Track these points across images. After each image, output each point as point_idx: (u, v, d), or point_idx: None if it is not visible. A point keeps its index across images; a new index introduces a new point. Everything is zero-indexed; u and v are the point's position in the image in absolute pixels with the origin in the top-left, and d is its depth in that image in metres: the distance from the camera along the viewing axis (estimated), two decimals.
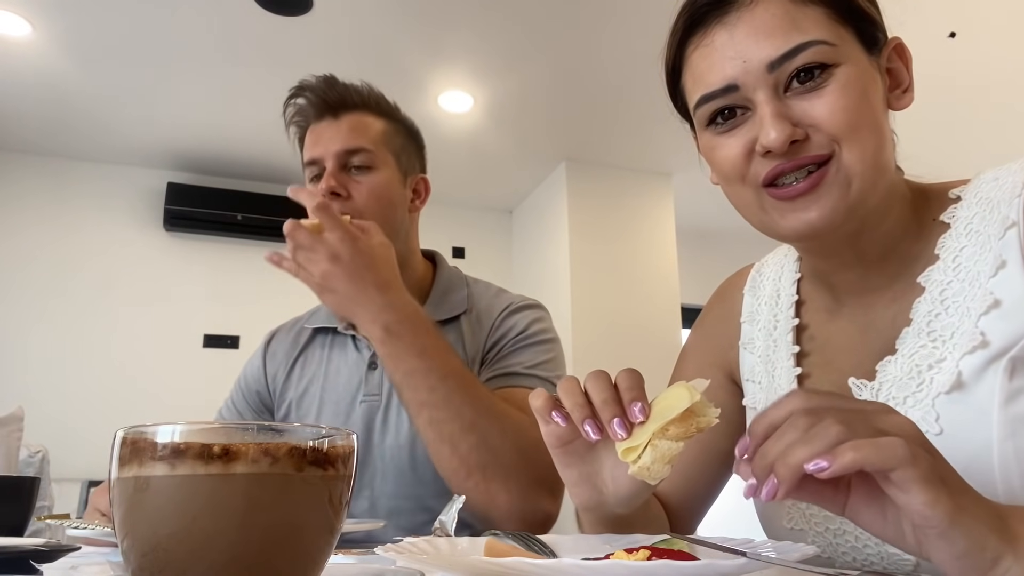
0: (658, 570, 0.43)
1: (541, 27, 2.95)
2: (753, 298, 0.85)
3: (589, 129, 3.79)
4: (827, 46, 0.63)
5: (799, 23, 0.63)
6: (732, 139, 0.66)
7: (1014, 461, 0.57)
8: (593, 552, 0.59)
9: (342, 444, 0.43)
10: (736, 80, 0.64)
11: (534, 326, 1.16)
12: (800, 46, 0.62)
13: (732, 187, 0.69)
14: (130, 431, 0.40)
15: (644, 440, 0.54)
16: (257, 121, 3.61)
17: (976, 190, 0.67)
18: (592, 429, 0.57)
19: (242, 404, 1.28)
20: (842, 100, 0.62)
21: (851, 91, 0.62)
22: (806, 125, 0.62)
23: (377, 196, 1.15)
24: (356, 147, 1.15)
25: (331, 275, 0.94)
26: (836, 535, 0.68)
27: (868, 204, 0.64)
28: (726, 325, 0.87)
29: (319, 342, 1.26)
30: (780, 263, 0.85)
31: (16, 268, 3.79)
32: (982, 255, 0.63)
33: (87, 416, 3.60)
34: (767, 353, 0.80)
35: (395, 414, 1.13)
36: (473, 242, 4.40)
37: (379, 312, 0.95)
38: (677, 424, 0.53)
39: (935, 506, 0.43)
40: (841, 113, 0.62)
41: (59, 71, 3.15)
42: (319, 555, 0.42)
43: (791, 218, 0.65)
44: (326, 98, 1.18)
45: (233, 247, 4.17)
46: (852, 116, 0.62)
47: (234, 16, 2.81)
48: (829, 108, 0.62)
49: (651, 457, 0.53)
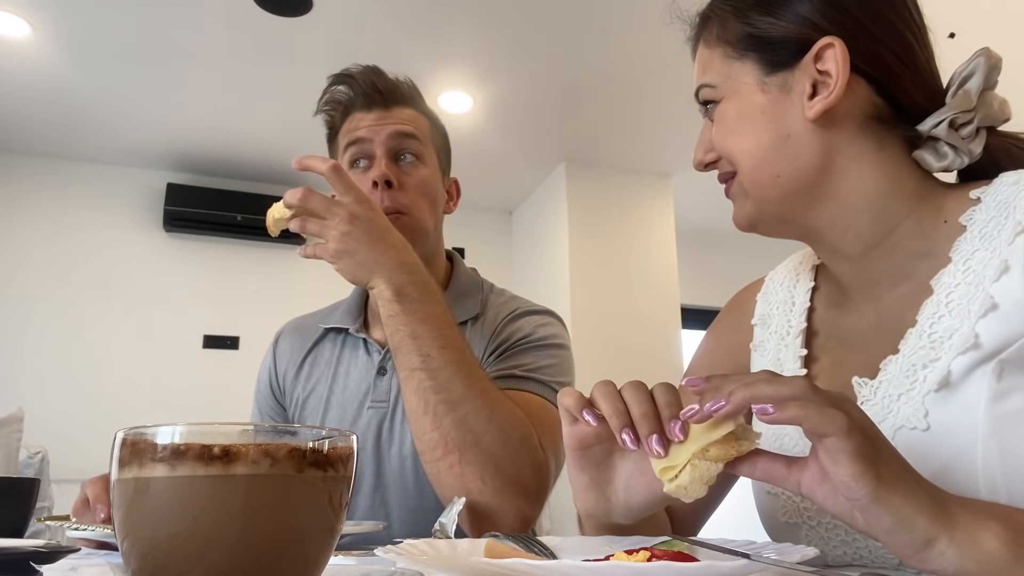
0: (658, 572, 0.43)
1: (541, 28, 2.95)
2: (765, 303, 0.87)
3: (589, 129, 3.79)
4: (708, 88, 0.75)
5: (706, 67, 0.76)
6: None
7: (997, 459, 0.58)
8: (593, 553, 0.59)
9: (342, 445, 0.42)
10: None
11: (540, 330, 1.13)
12: (697, 88, 0.77)
13: None
14: (130, 432, 0.40)
15: (684, 460, 0.53)
16: (257, 121, 3.61)
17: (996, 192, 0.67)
18: (630, 438, 0.56)
19: (265, 406, 1.27)
20: (720, 131, 0.74)
21: (730, 120, 0.73)
22: (716, 150, 0.76)
23: (425, 191, 1.13)
24: (409, 132, 1.13)
25: (350, 236, 0.91)
26: (828, 528, 0.69)
27: (768, 208, 0.74)
28: (738, 330, 0.88)
29: (330, 342, 1.24)
30: (795, 271, 0.87)
31: (16, 268, 3.79)
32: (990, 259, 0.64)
33: (87, 417, 3.60)
34: (777, 356, 0.81)
35: (400, 423, 1.11)
36: (473, 242, 4.40)
37: (394, 272, 0.92)
38: (718, 446, 0.52)
39: (859, 479, 0.47)
40: (720, 142, 0.74)
41: (59, 71, 3.15)
42: (319, 556, 0.42)
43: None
44: (379, 86, 1.15)
45: (233, 248, 4.17)
46: (732, 141, 0.73)
47: (234, 16, 2.81)
48: (718, 136, 0.74)
49: (689, 477, 0.53)
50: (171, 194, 4.02)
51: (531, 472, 0.93)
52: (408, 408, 0.92)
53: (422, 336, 0.91)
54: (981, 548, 0.47)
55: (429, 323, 0.91)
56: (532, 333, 1.12)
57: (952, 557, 0.47)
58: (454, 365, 0.90)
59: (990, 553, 0.47)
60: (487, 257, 4.47)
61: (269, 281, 4.17)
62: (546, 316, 1.17)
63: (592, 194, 4.13)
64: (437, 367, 0.90)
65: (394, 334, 0.92)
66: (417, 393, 0.90)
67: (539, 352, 1.10)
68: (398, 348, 0.92)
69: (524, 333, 1.12)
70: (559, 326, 1.18)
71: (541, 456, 0.93)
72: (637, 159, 4.09)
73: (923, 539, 0.48)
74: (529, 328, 1.13)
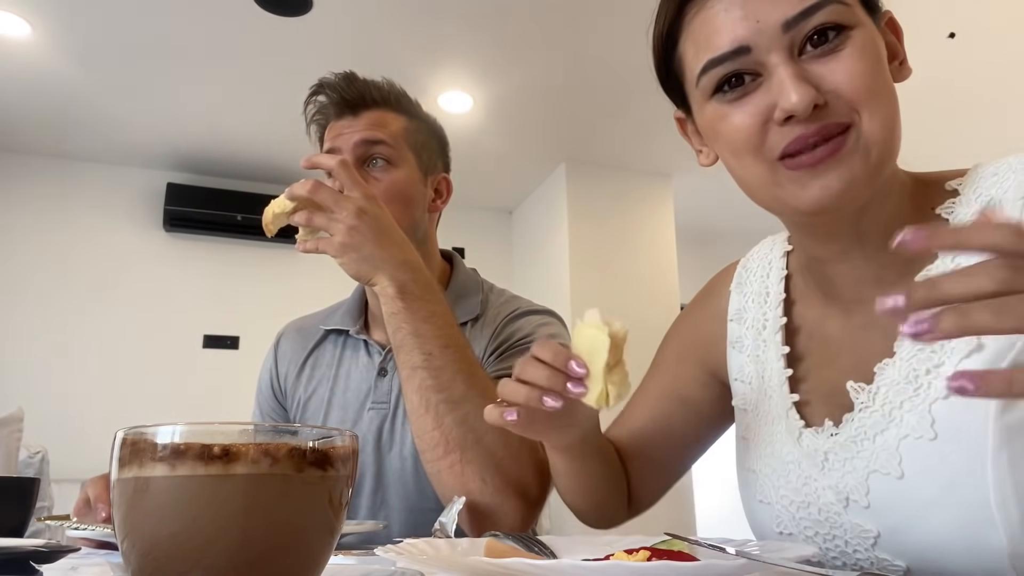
0: (658, 571, 0.43)
1: (541, 27, 2.95)
2: (740, 296, 0.83)
3: (589, 129, 3.79)
4: (842, 5, 0.59)
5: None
6: (744, 107, 0.62)
7: (1008, 469, 0.56)
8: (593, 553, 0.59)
9: (342, 445, 0.42)
10: (748, 41, 0.60)
11: (541, 330, 1.13)
12: (817, 3, 0.59)
13: (742, 161, 0.64)
14: (130, 432, 0.40)
15: (602, 384, 0.62)
16: (257, 121, 3.61)
17: (975, 185, 0.65)
18: (552, 398, 0.64)
19: (266, 407, 1.27)
20: (861, 64, 0.59)
21: (868, 55, 0.60)
22: (825, 91, 0.59)
23: (394, 193, 1.12)
24: (374, 138, 1.13)
25: (357, 231, 0.90)
26: (826, 540, 0.67)
27: (884, 174, 0.62)
28: (711, 322, 0.86)
29: (331, 343, 1.24)
30: (767, 259, 0.82)
31: (16, 269, 3.79)
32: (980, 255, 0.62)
33: (87, 417, 3.60)
34: (756, 353, 0.78)
35: (401, 424, 1.11)
36: (473, 242, 4.39)
37: (398, 269, 0.92)
38: (612, 352, 0.62)
39: None
40: (860, 78, 0.59)
41: (59, 71, 3.15)
42: (319, 556, 0.42)
43: (812, 186, 0.60)
44: (345, 95, 1.15)
45: (233, 248, 4.17)
46: (871, 81, 0.59)
47: (234, 16, 2.81)
48: (848, 73, 0.59)
49: (615, 391, 0.62)
50: (171, 194, 4.02)
51: (532, 472, 0.93)
52: (409, 407, 0.92)
53: (424, 334, 0.90)
54: None
55: (431, 322, 0.91)
56: (533, 333, 1.12)
57: None
58: (456, 364, 0.90)
59: None
60: (487, 257, 4.46)
61: (269, 281, 4.17)
62: (546, 316, 1.18)
63: (592, 194, 4.13)
64: (439, 366, 0.89)
65: (396, 332, 0.92)
66: (419, 392, 0.90)
67: None
68: (400, 346, 0.92)
69: (525, 333, 1.12)
70: (559, 326, 1.18)
71: (542, 456, 0.93)
72: (637, 159, 4.09)
73: None
74: (530, 328, 1.13)
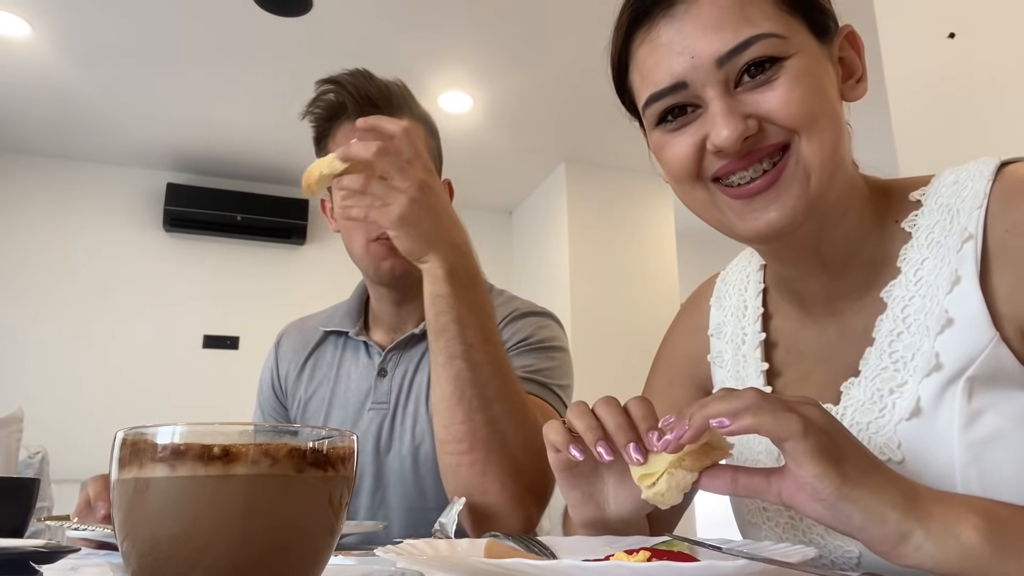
0: (658, 571, 0.43)
1: (541, 27, 2.96)
2: (719, 311, 0.82)
3: (589, 129, 3.79)
4: (777, 39, 0.60)
5: (748, 15, 0.60)
6: (682, 137, 0.63)
7: (977, 486, 0.55)
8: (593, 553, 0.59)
9: (342, 445, 0.42)
10: (684, 77, 0.61)
11: (540, 332, 1.12)
12: (749, 40, 0.59)
13: (683, 187, 0.66)
14: (130, 432, 0.40)
15: (661, 469, 0.55)
16: (257, 121, 3.61)
17: (936, 194, 0.65)
18: (605, 450, 0.57)
19: (267, 407, 1.27)
20: (795, 91, 0.59)
21: (804, 81, 0.60)
22: (759, 117, 0.60)
23: None
24: None
25: (419, 205, 0.84)
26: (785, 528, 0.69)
27: (827, 199, 0.62)
28: (695, 338, 0.85)
29: (331, 344, 1.24)
30: (744, 272, 0.82)
31: (16, 269, 3.79)
32: (941, 269, 0.61)
33: (87, 417, 3.60)
34: (736, 369, 0.78)
35: (400, 424, 1.12)
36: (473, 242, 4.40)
37: (451, 251, 0.89)
38: (693, 456, 0.54)
39: (823, 479, 0.47)
40: (795, 105, 0.59)
41: (59, 71, 3.15)
42: (319, 556, 0.42)
43: (750, 219, 0.62)
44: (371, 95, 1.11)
45: (233, 248, 4.17)
46: (806, 106, 0.59)
47: (234, 16, 2.81)
48: (783, 100, 0.59)
49: (667, 485, 0.55)
50: (171, 194, 4.03)
51: (544, 480, 0.92)
52: (439, 393, 0.88)
53: (468, 324, 0.87)
54: (960, 541, 0.46)
55: (476, 312, 0.89)
56: (532, 335, 1.11)
57: (930, 551, 0.46)
58: (495, 363, 0.88)
59: (969, 546, 0.46)
60: (487, 257, 4.41)
61: (269, 281, 4.17)
62: (545, 318, 1.17)
63: (592, 194, 4.13)
64: (479, 360, 0.87)
65: (439, 315, 0.88)
66: (454, 382, 0.86)
67: (539, 354, 1.10)
68: (441, 331, 0.88)
69: (524, 335, 1.11)
70: (558, 328, 1.18)
71: None
72: (637, 159, 4.08)
73: (897, 534, 0.47)
74: (529, 330, 1.12)
